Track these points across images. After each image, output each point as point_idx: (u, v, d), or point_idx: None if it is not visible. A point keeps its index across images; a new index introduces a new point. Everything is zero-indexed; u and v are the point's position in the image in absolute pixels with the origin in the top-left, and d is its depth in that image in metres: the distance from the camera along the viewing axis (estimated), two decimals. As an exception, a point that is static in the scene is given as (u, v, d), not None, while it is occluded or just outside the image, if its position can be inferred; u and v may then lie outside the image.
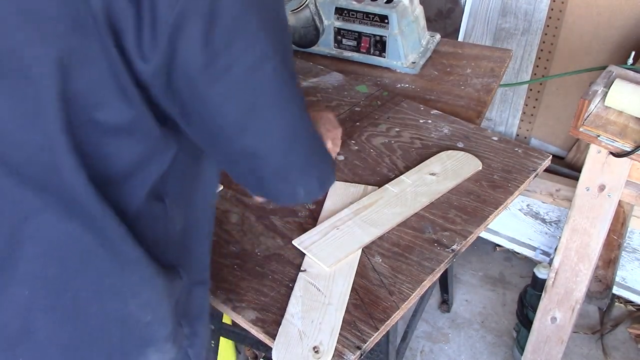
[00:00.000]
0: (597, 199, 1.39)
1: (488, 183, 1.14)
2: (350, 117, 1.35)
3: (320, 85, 1.47)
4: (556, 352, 1.65)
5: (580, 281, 1.51)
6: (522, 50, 2.05)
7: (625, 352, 1.93)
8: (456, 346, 1.97)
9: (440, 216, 1.07)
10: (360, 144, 1.26)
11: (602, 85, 1.34)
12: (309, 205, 1.11)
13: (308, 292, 0.93)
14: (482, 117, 1.42)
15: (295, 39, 1.62)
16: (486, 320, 2.05)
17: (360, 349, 0.85)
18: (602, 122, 1.29)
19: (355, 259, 0.99)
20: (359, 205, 1.09)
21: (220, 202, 1.12)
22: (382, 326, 0.89)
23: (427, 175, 1.15)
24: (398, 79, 1.54)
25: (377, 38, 1.55)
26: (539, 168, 1.18)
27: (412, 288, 0.94)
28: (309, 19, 1.56)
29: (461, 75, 1.55)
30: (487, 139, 1.26)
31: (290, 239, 1.03)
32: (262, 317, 0.91)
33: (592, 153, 1.35)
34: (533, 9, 1.98)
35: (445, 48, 1.67)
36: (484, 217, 1.07)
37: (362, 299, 0.93)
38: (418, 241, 1.02)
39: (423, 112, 1.35)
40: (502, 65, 1.58)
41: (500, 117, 2.19)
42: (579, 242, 1.47)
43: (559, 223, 2.03)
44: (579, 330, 1.99)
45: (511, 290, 2.15)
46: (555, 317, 1.59)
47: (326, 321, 0.88)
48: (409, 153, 1.23)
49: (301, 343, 0.86)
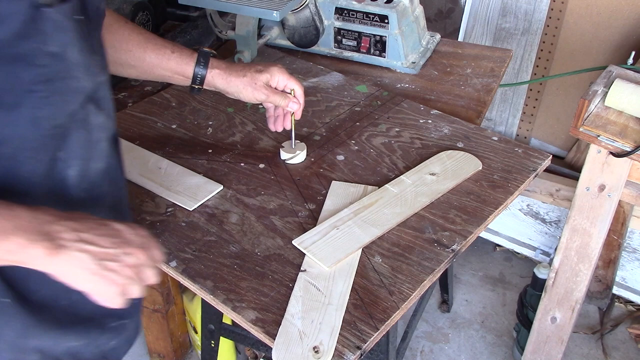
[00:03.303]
0: (597, 199, 1.39)
1: (488, 183, 1.14)
2: (350, 117, 1.35)
3: (320, 85, 1.47)
4: (556, 352, 1.65)
5: (580, 281, 1.51)
6: (522, 50, 2.05)
7: (625, 352, 1.93)
8: (456, 346, 1.97)
9: (440, 216, 1.07)
10: (360, 144, 1.27)
11: (602, 85, 1.34)
12: (309, 205, 1.11)
13: (308, 292, 0.93)
14: (482, 117, 1.42)
15: (295, 39, 1.63)
16: (486, 320, 2.05)
17: (360, 349, 0.85)
18: (602, 122, 1.29)
19: (355, 259, 0.99)
20: (359, 205, 1.09)
21: (220, 202, 1.12)
22: (382, 326, 0.89)
23: (427, 175, 1.15)
24: (398, 79, 1.54)
25: (377, 38, 1.55)
26: (539, 168, 1.18)
27: (412, 288, 0.94)
28: (309, 19, 1.56)
29: (461, 75, 1.55)
30: (487, 139, 1.26)
31: (290, 239, 1.03)
32: (262, 317, 0.91)
33: (592, 153, 1.35)
34: (533, 9, 1.98)
35: (445, 48, 1.67)
36: (484, 217, 1.07)
37: (362, 299, 0.93)
38: (418, 241, 1.02)
39: (423, 112, 1.35)
40: (502, 65, 1.58)
41: (500, 117, 2.19)
42: (579, 242, 1.47)
43: (559, 223, 2.03)
44: (579, 330, 1.99)
45: (511, 290, 2.15)
46: (555, 317, 1.60)
47: (326, 321, 0.88)
48: (409, 153, 1.23)
49: (301, 343, 0.86)
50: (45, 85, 0.71)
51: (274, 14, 1.32)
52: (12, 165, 0.73)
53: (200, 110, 1.39)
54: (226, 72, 1.11)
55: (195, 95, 1.32)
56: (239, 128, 1.33)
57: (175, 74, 1.10)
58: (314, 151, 1.25)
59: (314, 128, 1.32)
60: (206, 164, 1.22)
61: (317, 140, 1.28)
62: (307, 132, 1.31)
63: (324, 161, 1.22)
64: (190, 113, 1.38)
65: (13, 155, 0.73)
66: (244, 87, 1.12)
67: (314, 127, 1.33)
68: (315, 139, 1.28)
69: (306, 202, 1.12)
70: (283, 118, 1.19)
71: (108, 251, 0.71)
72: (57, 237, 0.68)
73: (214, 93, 1.43)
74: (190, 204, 1.11)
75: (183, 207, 1.11)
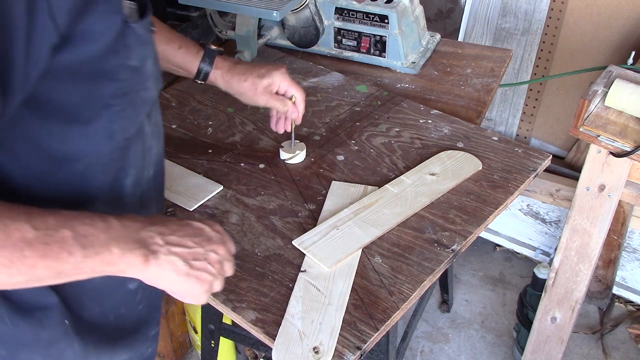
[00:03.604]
0: (597, 199, 1.39)
1: (488, 183, 1.14)
2: (350, 117, 1.35)
3: (320, 85, 1.47)
4: (556, 352, 1.65)
5: (580, 281, 1.51)
6: (522, 50, 2.05)
7: (625, 352, 1.93)
8: (456, 346, 1.97)
9: (440, 216, 1.07)
10: (360, 144, 1.26)
11: (602, 85, 1.34)
12: (309, 205, 1.11)
13: (308, 292, 0.93)
14: (482, 117, 1.42)
15: (295, 39, 1.62)
16: (486, 320, 2.05)
17: (360, 349, 0.85)
18: (602, 122, 1.29)
19: (355, 259, 0.99)
20: (359, 206, 1.09)
21: (220, 202, 1.12)
22: (382, 326, 0.89)
23: (427, 175, 1.15)
24: (398, 79, 1.54)
25: (377, 38, 1.55)
26: (539, 168, 1.18)
27: (412, 288, 0.94)
28: (309, 19, 1.55)
29: (461, 75, 1.55)
30: (487, 139, 1.26)
31: (290, 239, 1.03)
32: (262, 317, 0.91)
33: (592, 153, 1.35)
34: (533, 9, 1.98)
35: (445, 48, 1.67)
36: (484, 217, 1.07)
37: (362, 299, 0.93)
38: (418, 241, 1.02)
39: (423, 112, 1.35)
40: (502, 65, 1.58)
41: (500, 117, 2.19)
42: (579, 242, 1.47)
43: (559, 223, 2.03)
44: (579, 330, 1.99)
45: (511, 290, 2.15)
46: (555, 317, 1.59)
47: (326, 321, 0.88)
48: (409, 153, 1.23)
49: (301, 343, 0.86)
50: (122, 98, 0.70)
51: (274, 14, 1.32)
52: (82, 181, 0.73)
53: (200, 110, 1.39)
54: (228, 74, 1.12)
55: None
56: (239, 128, 1.33)
57: (179, 68, 1.12)
58: (314, 151, 1.25)
59: (314, 128, 1.32)
60: (206, 164, 1.22)
61: (317, 140, 1.28)
62: (307, 132, 1.31)
63: (324, 161, 1.22)
64: (190, 113, 1.38)
65: (84, 171, 0.72)
66: (244, 92, 1.13)
67: (314, 127, 1.33)
68: (315, 139, 1.28)
69: (306, 202, 1.12)
70: (284, 121, 1.19)
71: (194, 251, 0.72)
72: (149, 244, 0.69)
73: (214, 93, 1.43)
74: (191, 204, 1.11)
75: (183, 207, 1.10)
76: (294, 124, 1.19)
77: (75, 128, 0.68)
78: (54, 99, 0.65)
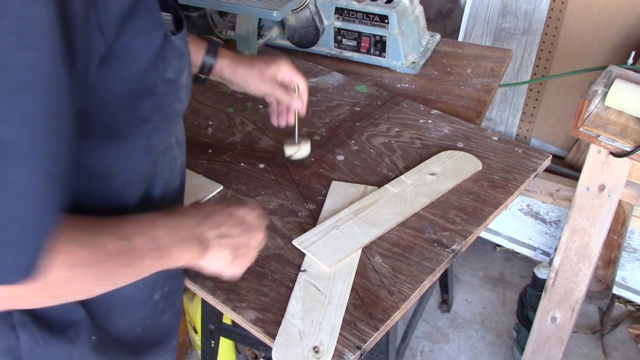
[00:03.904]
0: (597, 199, 1.39)
1: (488, 183, 1.14)
2: (350, 117, 1.35)
3: (320, 85, 1.47)
4: (556, 352, 1.65)
5: (580, 281, 1.51)
6: (522, 50, 2.05)
7: (625, 352, 1.93)
8: (456, 346, 1.97)
9: (440, 216, 1.07)
10: (360, 144, 1.26)
11: (602, 85, 1.34)
12: (309, 205, 1.11)
13: (308, 292, 0.93)
14: (482, 117, 1.42)
15: (295, 39, 1.63)
16: (486, 320, 2.05)
17: (360, 349, 0.85)
18: (602, 122, 1.29)
19: (355, 259, 0.99)
20: (359, 205, 1.09)
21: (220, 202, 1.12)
22: (382, 326, 0.89)
23: (427, 175, 1.15)
24: (398, 79, 1.54)
25: (377, 38, 1.55)
26: (539, 168, 1.18)
27: (412, 288, 0.94)
28: (309, 19, 1.56)
29: (461, 75, 1.55)
30: (487, 139, 1.26)
31: (290, 239, 1.03)
32: (262, 317, 0.91)
33: (592, 153, 1.35)
34: (533, 9, 1.98)
35: (445, 48, 1.67)
36: (484, 217, 1.07)
37: (362, 299, 0.93)
38: (418, 241, 1.02)
39: (423, 112, 1.35)
40: (502, 65, 1.58)
41: (500, 117, 2.19)
42: (579, 242, 1.47)
43: (559, 223, 2.03)
44: (579, 330, 1.99)
45: (511, 290, 2.15)
46: (555, 317, 1.60)
47: (326, 321, 0.88)
48: (409, 153, 1.23)
49: (301, 343, 0.86)
50: (159, 112, 0.70)
51: (274, 14, 1.32)
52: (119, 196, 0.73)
53: (200, 110, 1.39)
54: (234, 63, 1.10)
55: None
56: (239, 128, 1.33)
57: None
58: (314, 151, 1.25)
59: (314, 128, 1.32)
60: (206, 164, 1.22)
61: (317, 140, 1.28)
62: (307, 132, 1.31)
63: (324, 161, 1.22)
64: (190, 113, 1.38)
65: (122, 187, 0.72)
66: (251, 79, 1.10)
67: (314, 127, 1.33)
68: (315, 139, 1.28)
69: (306, 202, 1.12)
70: (287, 113, 1.16)
71: (238, 240, 0.79)
72: (204, 239, 0.75)
73: (214, 93, 1.43)
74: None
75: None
76: (298, 116, 1.16)
77: (114, 144, 0.67)
78: (95, 116, 0.63)
